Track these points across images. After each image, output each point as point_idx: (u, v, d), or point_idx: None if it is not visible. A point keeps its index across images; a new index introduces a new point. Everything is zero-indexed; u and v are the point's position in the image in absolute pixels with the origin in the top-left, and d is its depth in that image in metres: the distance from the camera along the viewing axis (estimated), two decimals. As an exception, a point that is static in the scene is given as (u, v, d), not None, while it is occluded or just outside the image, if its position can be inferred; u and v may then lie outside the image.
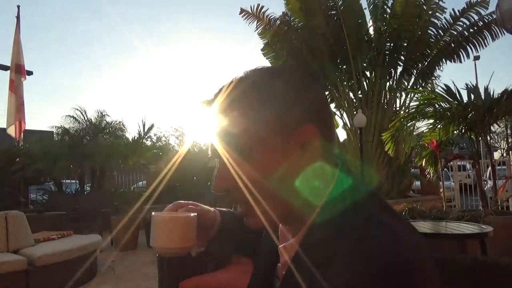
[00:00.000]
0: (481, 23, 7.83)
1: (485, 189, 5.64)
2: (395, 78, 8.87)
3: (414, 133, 8.45)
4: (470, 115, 4.64)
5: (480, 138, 5.04)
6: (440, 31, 8.31)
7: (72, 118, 10.41)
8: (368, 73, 8.95)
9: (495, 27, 7.61)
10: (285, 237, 0.64)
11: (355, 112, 8.36)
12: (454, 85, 4.76)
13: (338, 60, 8.94)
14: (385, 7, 8.42)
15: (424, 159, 5.52)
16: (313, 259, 0.52)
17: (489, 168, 6.28)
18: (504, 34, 7.58)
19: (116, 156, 7.71)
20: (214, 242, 0.81)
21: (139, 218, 6.13)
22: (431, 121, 5.07)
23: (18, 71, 8.24)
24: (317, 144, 0.57)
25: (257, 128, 0.56)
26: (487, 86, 4.70)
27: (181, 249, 0.70)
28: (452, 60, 8.24)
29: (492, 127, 5.20)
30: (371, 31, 8.89)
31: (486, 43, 7.85)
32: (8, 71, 8.54)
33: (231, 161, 0.58)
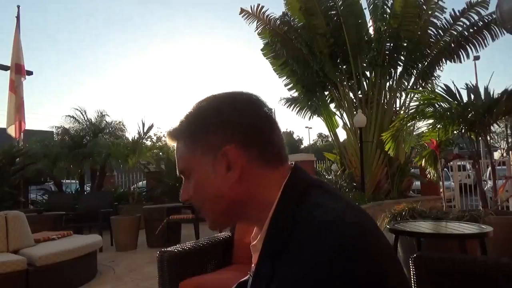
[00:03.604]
0: (481, 23, 7.84)
1: (485, 189, 5.63)
2: (395, 78, 8.87)
3: (414, 133, 8.45)
4: (470, 115, 4.62)
5: (480, 138, 5.03)
6: (440, 31, 8.32)
7: (72, 118, 10.42)
8: (368, 73, 8.96)
9: (495, 27, 7.62)
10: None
11: (355, 112, 8.37)
12: (454, 85, 4.75)
13: (338, 60, 8.94)
14: (385, 7, 8.42)
15: (424, 159, 5.51)
16: (273, 248, 0.59)
17: (489, 168, 6.28)
18: (504, 34, 7.58)
19: (116, 156, 7.71)
20: None
21: (139, 218, 6.14)
22: (431, 121, 5.06)
23: (18, 71, 8.22)
24: (242, 163, 0.63)
25: (191, 153, 0.67)
26: (487, 86, 4.69)
27: None
28: (452, 60, 8.24)
29: (492, 127, 5.18)
30: (371, 31, 8.91)
31: (486, 43, 7.85)
32: (8, 71, 8.53)
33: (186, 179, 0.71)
